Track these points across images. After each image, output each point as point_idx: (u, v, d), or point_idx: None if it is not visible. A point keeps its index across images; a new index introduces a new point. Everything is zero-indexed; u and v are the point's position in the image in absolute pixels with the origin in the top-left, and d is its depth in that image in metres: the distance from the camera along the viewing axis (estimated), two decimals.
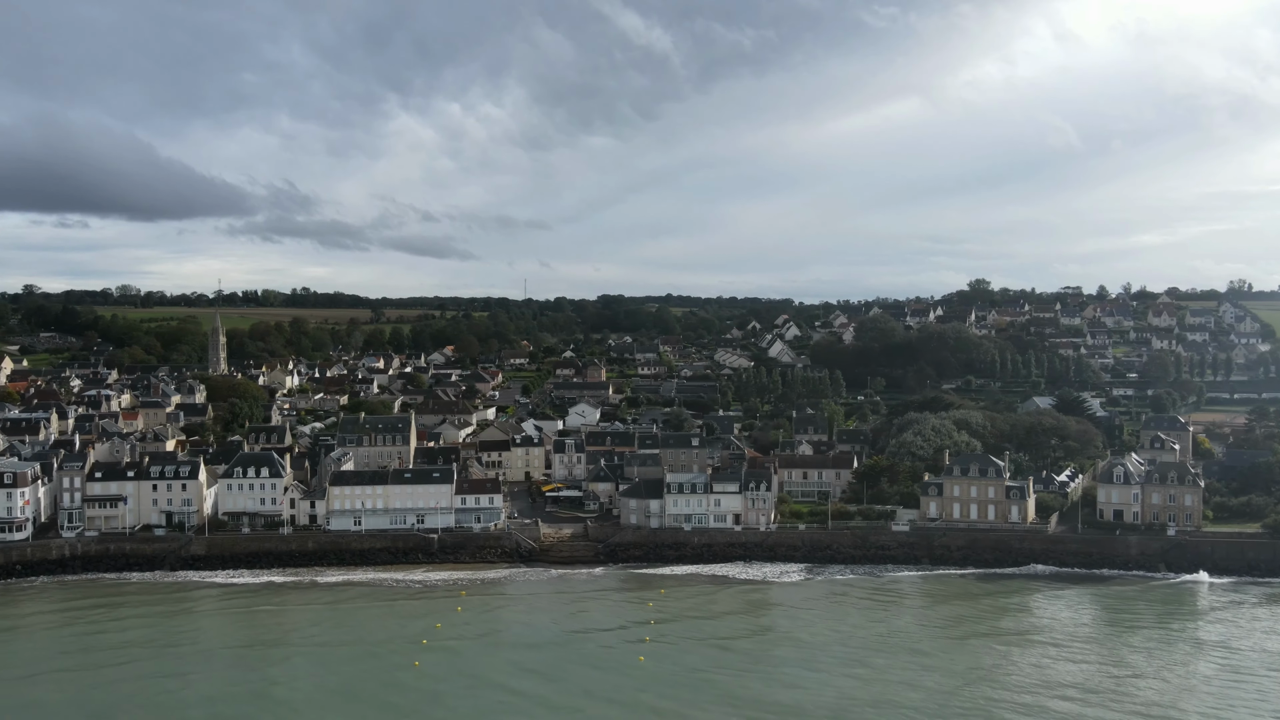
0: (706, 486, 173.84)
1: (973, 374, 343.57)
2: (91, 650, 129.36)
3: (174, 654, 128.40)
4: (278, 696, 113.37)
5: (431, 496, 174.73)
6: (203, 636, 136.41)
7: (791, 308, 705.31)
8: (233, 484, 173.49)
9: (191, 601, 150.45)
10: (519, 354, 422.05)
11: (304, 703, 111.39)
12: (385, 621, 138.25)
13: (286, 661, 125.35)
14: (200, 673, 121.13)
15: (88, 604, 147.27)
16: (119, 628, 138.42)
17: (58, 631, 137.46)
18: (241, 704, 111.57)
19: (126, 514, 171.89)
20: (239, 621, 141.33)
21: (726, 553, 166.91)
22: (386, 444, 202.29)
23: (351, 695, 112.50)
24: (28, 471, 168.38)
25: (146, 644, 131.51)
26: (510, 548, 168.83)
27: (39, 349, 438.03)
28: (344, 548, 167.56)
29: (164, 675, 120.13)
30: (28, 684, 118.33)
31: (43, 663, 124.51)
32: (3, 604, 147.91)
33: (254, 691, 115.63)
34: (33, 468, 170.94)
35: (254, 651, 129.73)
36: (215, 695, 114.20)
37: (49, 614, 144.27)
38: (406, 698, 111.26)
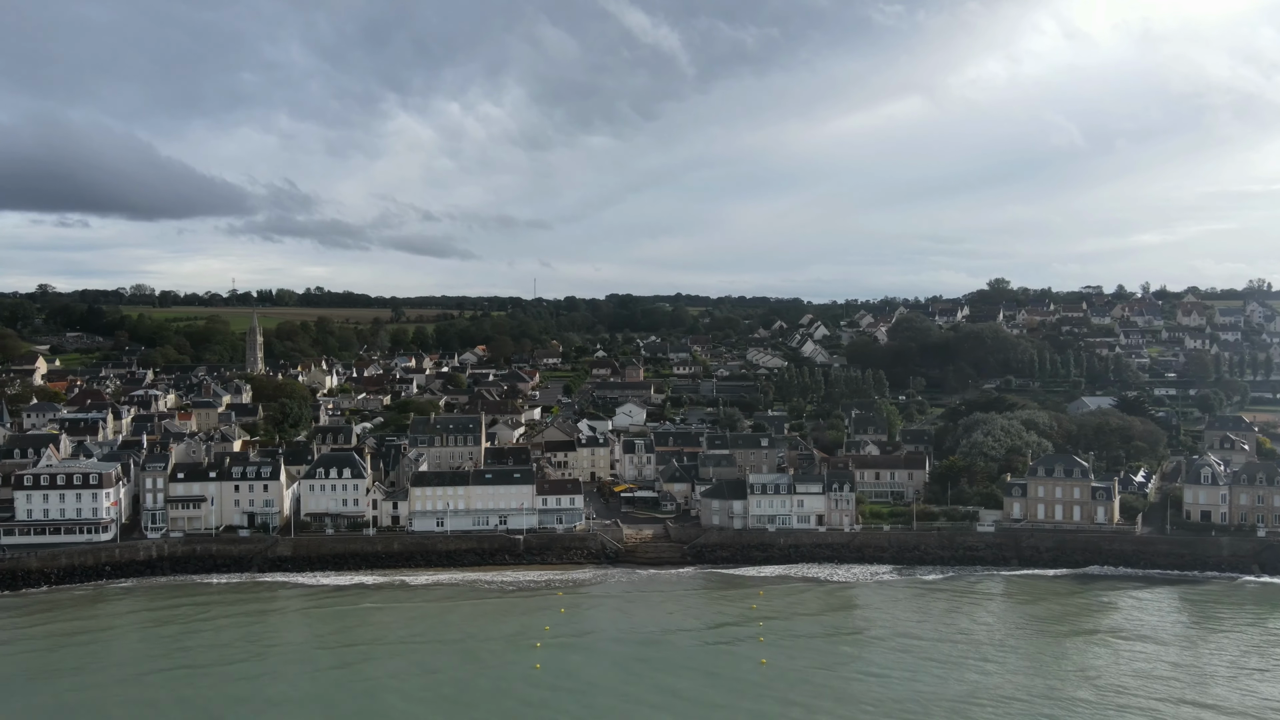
0: (790, 487, 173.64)
1: (1011, 374, 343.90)
2: (192, 650, 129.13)
3: (277, 654, 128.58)
4: (386, 697, 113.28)
5: (513, 497, 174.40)
6: (302, 637, 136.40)
7: (807, 308, 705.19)
8: (315, 484, 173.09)
9: (284, 602, 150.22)
10: (550, 354, 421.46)
11: (422, 702, 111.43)
12: (488, 622, 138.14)
13: (392, 659, 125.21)
14: (304, 673, 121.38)
15: (182, 605, 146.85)
16: (216, 628, 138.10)
17: (156, 631, 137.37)
18: (351, 702, 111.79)
19: (209, 515, 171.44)
20: (337, 622, 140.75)
21: (813, 554, 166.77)
22: (458, 444, 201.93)
23: (467, 696, 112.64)
24: (112, 472, 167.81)
25: (247, 644, 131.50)
26: (595, 549, 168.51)
27: (68, 349, 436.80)
28: (429, 549, 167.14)
29: (266, 675, 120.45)
30: (136, 684, 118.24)
31: (147, 663, 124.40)
32: (98, 605, 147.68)
33: (364, 690, 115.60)
34: (115, 468, 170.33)
35: (356, 650, 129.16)
36: (321, 695, 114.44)
37: (145, 615, 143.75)
38: (533, 699, 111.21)
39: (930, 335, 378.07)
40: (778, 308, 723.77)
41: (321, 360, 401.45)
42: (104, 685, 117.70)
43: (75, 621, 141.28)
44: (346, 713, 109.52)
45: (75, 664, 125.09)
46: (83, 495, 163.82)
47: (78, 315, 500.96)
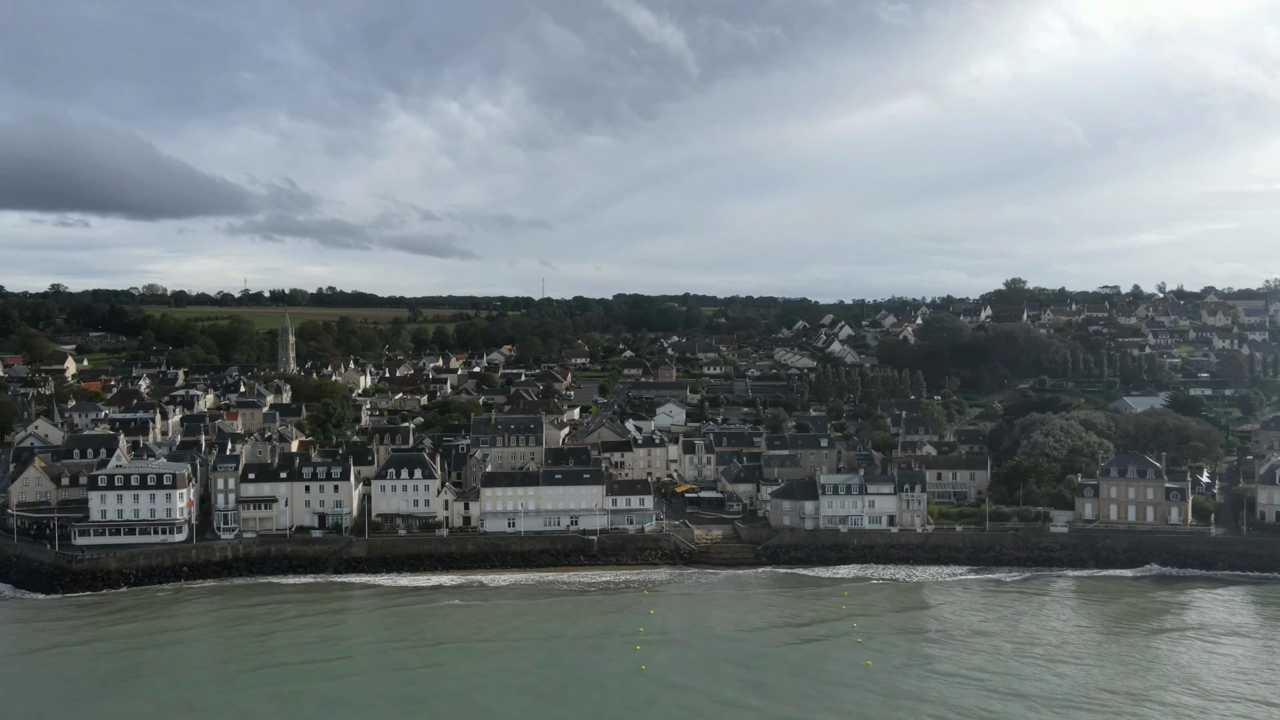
0: (861, 488, 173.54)
1: (1044, 374, 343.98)
2: (278, 649, 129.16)
3: (365, 653, 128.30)
4: (482, 696, 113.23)
5: (583, 498, 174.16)
6: (388, 636, 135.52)
7: (815, 306, 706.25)
8: (386, 485, 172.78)
9: (363, 602, 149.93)
10: (578, 354, 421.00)
11: (518, 701, 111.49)
12: (575, 622, 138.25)
13: (483, 658, 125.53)
14: (396, 672, 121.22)
15: (262, 605, 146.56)
16: (299, 628, 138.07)
17: (239, 631, 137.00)
18: (447, 702, 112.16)
19: (279, 515, 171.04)
20: (421, 622, 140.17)
21: (888, 554, 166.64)
22: (520, 444, 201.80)
23: (567, 695, 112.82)
24: (185, 473, 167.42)
25: (333, 644, 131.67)
26: (669, 550, 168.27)
27: (93, 348, 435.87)
28: (503, 549, 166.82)
29: (358, 674, 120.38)
30: (228, 684, 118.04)
31: (235, 663, 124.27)
32: (180, 605, 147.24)
33: (459, 690, 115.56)
34: (186, 468, 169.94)
35: (444, 649, 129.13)
36: (416, 694, 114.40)
37: (226, 615, 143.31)
38: (636, 698, 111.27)
39: (961, 335, 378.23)
40: (787, 307, 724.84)
41: (349, 360, 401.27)
42: (197, 684, 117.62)
43: (158, 620, 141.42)
44: (444, 711, 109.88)
45: (165, 663, 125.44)
46: (156, 496, 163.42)
47: (99, 315, 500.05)
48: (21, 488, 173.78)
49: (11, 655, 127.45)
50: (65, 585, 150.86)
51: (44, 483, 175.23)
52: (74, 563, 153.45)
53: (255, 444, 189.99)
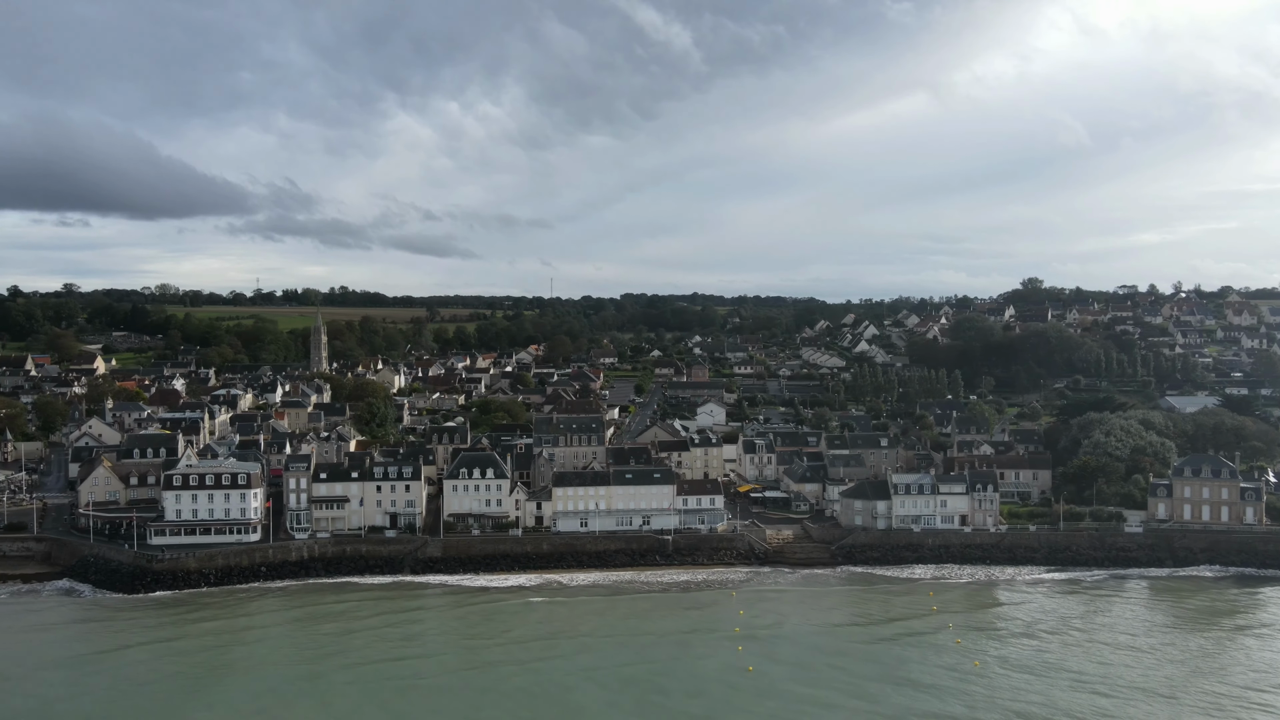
0: (933, 488, 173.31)
1: (1077, 374, 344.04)
2: (369, 647, 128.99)
3: (459, 651, 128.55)
4: (581, 692, 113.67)
5: (653, 498, 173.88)
6: (479, 634, 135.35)
7: (824, 306, 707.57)
8: (458, 485, 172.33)
9: (444, 599, 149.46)
10: (606, 353, 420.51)
11: (614, 698, 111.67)
12: (663, 620, 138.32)
13: (577, 655, 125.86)
14: (495, 669, 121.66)
15: (344, 605, 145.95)
16: (387, 626, 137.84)
17: (325, 629, 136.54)
18: (549, 697, 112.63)
19: (351, 515, 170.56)
20: (509, 620, 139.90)
21: (964, 554, 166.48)
22: (581, 444, 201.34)
23: (666, 692, 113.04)
24: (257, 472, 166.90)
25: (425, 642, 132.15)
26: (744, 549, 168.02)
27: (118, 348, 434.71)
28: (579, 549, 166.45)
29: (458, 671, 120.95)
30: (323, 681, 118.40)
31: (324, 661, 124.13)
32: (264, 604, 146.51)
33: (560, 685, 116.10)
34: (257, 468, 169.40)
35: (534, 646, 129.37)
36: (524, 688, 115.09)
37: (309, 614, 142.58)
38: (736, 695, 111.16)
39: (992, 335, 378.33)
40: (796, 307, 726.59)
41: (377, 360, 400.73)
42: (291, 681, 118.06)
43: (241, 619, 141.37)
44: (544, 709, 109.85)
45: (257, 660, 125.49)
46: (231, 495, 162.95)
47: (121, 315, 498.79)
48: (91, 487, 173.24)
49: (103, 652, 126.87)
50: (146, 585, 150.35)
51: (113, 482, 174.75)
52: (154, 562, 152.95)
53: (321, 444, 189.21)
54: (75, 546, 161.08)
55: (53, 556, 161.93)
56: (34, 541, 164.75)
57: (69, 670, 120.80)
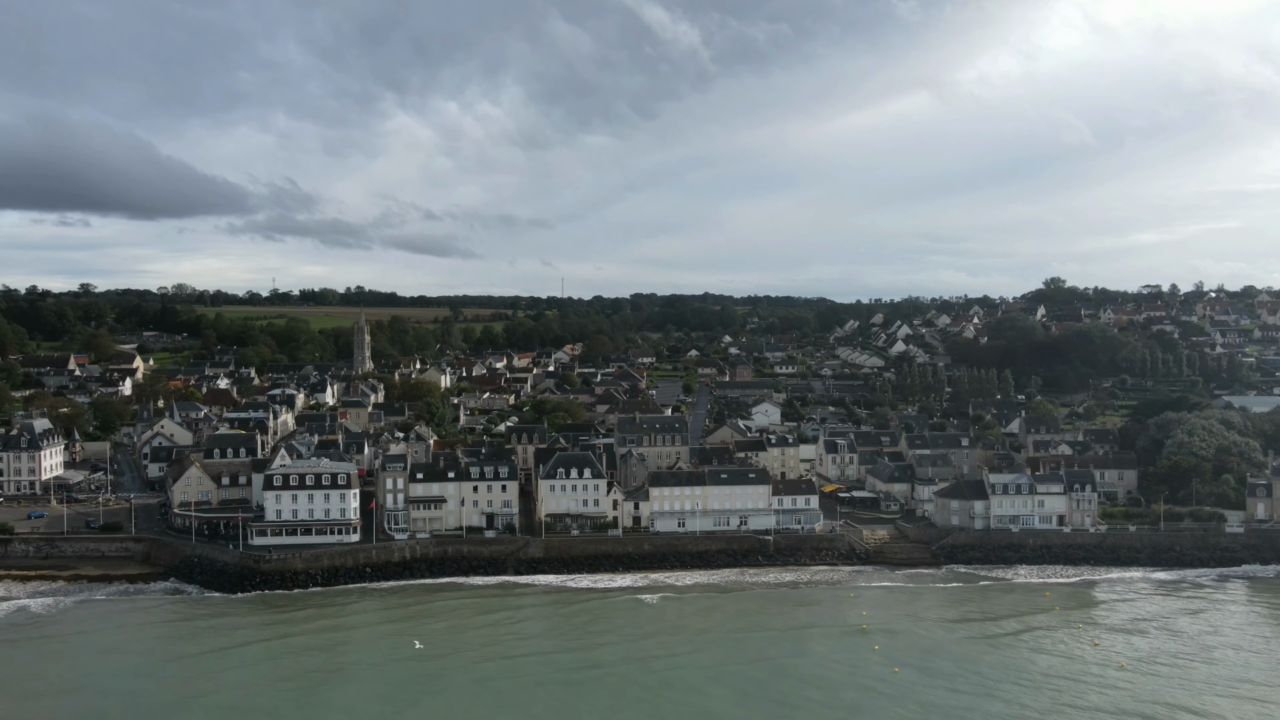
0: (1031, 488, 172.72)
1: (1121, 373, 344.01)
2: (503, 642, 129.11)
3: (584, 648, 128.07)
4: (716, 687, 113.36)
5: (749, 498, 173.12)
6: (599, 631, 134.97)
7: (835, 306, 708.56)
8: (555, 485, 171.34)
9: (557, 600, 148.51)
10: (645, 353, 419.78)
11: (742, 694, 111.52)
12: (785, 619, 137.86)
13: (709, 650, 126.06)
14: (630, 664, 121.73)
15: (459, 605, 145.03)
16: (502, 625, 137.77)
17: (445, 628, 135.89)
18: (689, 693, 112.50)
19: (448, 515, 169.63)
20: (626, 617, 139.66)
21: (1066, 555, 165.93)
22: (665, 444, 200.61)
23: (796, 688, 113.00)
24: (355, 472, 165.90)
25: (551, 639, 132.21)
26: (845, 549, 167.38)
27: (152, 348, 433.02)
28: (680, 549, 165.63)
29: (592, 667, 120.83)
30: (474, 671, 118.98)
31: (454, 657, 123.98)
32: (377, 604, 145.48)
33: (695, 684, 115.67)
34: (354, 468, 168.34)
35: (654, 641, 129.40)
36: (677, 680, 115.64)
37: (429, 614, 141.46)
38: (873, 694, 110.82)
39: (1035, 335, 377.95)
40: (807, 307, 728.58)
41: (414, 359, 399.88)
42: (411, 679, 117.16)
43: (350, 617, 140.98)
44: (678, 707, 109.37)
45: (377, 658, 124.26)
46: (331, 496, 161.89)
47: (150, 315, 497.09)
48: (184, 487, 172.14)
49: (225, 649, 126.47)
50: (254, 585, 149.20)
51: (205, 482, 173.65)
52: (261, 563, 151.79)
53: (410, 443, 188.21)
54: (176, 547, 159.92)
55: (152, 557, 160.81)
56: (133, 542, 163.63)
57: (197, 665, 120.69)
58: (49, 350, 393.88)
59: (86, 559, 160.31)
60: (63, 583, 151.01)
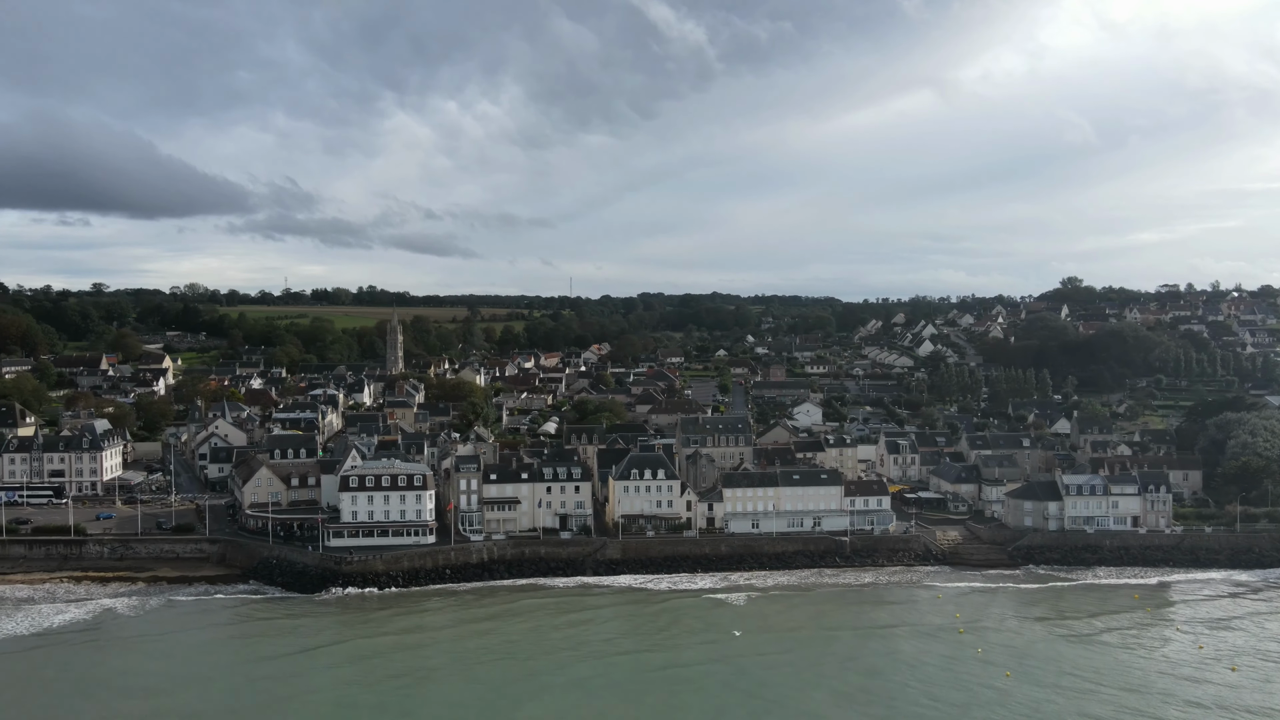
0: (1104, 488, 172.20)
1: (1154, 373, 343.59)
2: (587, 644, 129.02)
3: (677, 647, 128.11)
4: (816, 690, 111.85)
5: (821, 498, 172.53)
6: (699, 630, 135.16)
7: (845, 306, 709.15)
8: (629, 486, 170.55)
9: (641, 599, 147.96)
10: (674, 353, 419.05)
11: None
12: (872, 620, 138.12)
13: (811, 648, 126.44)
14: (750, 661, 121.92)
15: (543, 605, 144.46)
16: (588, 625, 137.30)
17: (534, 628, 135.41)
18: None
19: (521, 516, 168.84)
20: (720, 615, 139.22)
21: (1144, 556, 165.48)
22: (729, 444, 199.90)
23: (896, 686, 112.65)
24: (430, 474, 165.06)
25: (643, 638, 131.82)
26: (920, 551, 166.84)
27: (177, 348, 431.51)
28: (756, 551, 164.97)
29: (682, 666, 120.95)
30: (604, 662, 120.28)
31: (552, 656, 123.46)
32: (460, 605, 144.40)
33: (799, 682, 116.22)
34: (428, 469, 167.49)
35: (765, 639, 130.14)
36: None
37: (518, 616, 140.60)
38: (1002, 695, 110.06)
39: (1067, 334, 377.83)
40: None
41: (443, 359, 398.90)
42: (510, 679, 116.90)
43: (431, 615, 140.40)
44: (783, 706, 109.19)
45: (474, 657, 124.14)
46: (406, 497, 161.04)
47: (173, 315, 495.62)
48: (254, 488, 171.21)
49: (319, 648, 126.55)
50: (337, 586, 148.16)
51: (274, 483, 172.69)
52: (343, 565, 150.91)
53: (477, 444, 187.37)
54: (252, 548, 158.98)
55: (228, 558, 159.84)
56: (207, 543, 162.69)
57: (290, 665, 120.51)
58: (74, 350, 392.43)
59: (162, 560, 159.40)
60: (142, 584, 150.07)
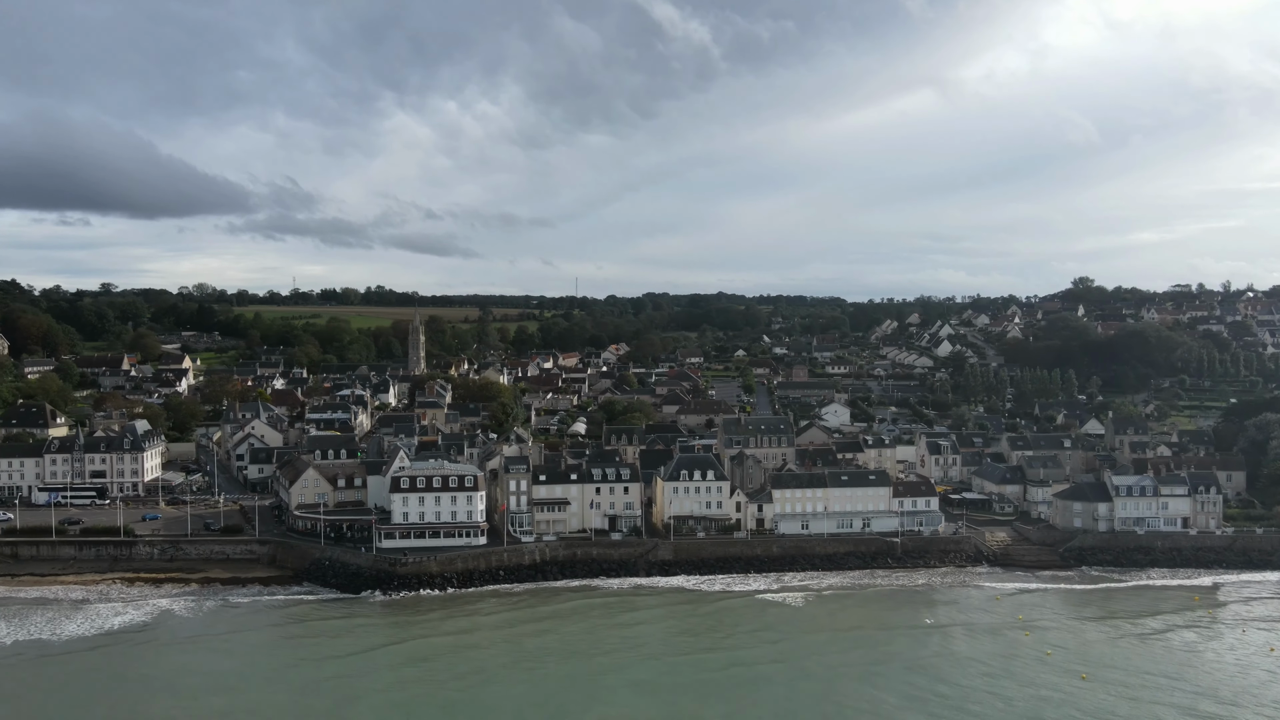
0: (1154, 489, 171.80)
1: (1176, 373, 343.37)
2: (645, 644, 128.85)
3: (739, 646, 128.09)
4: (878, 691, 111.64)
5: (870, 499, 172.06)
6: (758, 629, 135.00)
7: (856, 306, 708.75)
8: (678, 487, 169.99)
9: (694, 600, 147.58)
10: (693, 353, 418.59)
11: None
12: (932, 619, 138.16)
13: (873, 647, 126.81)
14: (833, 659, 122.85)
15: (599, 606, 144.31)
16: (640, 624, 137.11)
17: (589, 627, 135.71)
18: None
19: (571, 517, 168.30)
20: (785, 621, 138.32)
21: (1197, 558, 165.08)
22: (771, 445, 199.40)
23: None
24: (481, 475, 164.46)
25: (703, 637, 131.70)
26: (971, 552, 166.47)
27: (194, 348, 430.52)
28: (808, 552, 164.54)
29: (742, 666, 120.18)
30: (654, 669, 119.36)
31: (610, 657, 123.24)
32: (516, 605, 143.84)
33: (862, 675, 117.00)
34: (479, 471, 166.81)
35: (865, 636, 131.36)
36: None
37: (574, 616, 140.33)
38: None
39: (1089, 334, 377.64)
40: (820, 306, 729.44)
41: (462, 359, 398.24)
42: (575, 679, 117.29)
43: (489, 615, 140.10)
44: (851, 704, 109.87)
45: (537, 657, 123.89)
46: (458, 498, 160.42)
47: (188, 315, 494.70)
48: (301, 489, 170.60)
49: (375, 648, 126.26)
50: (391, 588, 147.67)
51: (321, 484, 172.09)
52: (398, 566, 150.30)
53: (521, 445, 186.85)
54: (303, 549, 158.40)
55: (278, 559, 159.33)
56: (256, 544, 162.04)
57: (353, 665, 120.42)
58: (91, 350, 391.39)
59: (212, 561, 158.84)
60: (195, 586, 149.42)
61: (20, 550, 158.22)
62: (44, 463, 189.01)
